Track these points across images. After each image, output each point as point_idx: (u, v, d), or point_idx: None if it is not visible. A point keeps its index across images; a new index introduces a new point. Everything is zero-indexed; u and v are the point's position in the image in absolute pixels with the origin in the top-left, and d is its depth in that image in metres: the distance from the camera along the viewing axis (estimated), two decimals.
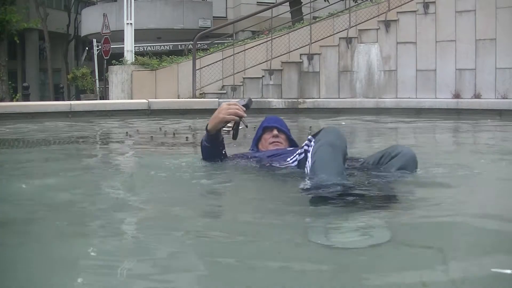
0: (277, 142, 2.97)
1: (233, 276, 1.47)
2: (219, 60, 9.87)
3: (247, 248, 1.70)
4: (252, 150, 3.11)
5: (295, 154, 2.58)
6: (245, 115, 2.70)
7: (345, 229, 1.82)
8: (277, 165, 2.64)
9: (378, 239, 1.72)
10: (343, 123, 7.00)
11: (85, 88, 18.56)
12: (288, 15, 13.57)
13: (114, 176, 3.19)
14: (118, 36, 13.32)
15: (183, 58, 10.63)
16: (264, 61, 9.80)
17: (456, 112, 7.72)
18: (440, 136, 5.98)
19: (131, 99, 9.75)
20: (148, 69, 10.07)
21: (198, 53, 10.22)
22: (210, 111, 7.79)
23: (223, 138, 2.82)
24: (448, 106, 8.06)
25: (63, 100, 17.20)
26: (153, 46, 20.84)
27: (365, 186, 2.22)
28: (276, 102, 8.49)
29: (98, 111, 7.54)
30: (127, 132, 5.47)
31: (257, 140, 3.06)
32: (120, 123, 6.82)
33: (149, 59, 10.37)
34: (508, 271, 1.44)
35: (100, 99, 15.48)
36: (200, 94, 9.49)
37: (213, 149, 2.78)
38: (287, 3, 12.75)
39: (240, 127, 4.88)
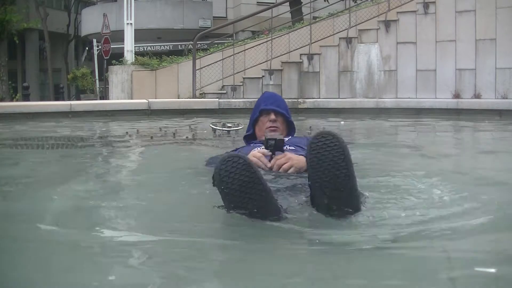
0: (274, 127, 2.88)
1: (233, 277, 1.47)
2: (219, 60, 9.87)
3: (247, 248, 1.70)
4: (248, 133, 3.03)
5: None
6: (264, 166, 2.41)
7: (347, 230, 1.82)
8: None
9: (380, 239, 1.73)
10: (342, 122, 7.00)
11: (85, 88, 18.56)
12: (288, 15, 13.56)
13: (113, 176, 3.19)
14: (118, 36, 13.31)
15: (183, 58, 10.63)
16: (264, 61, 9.79)
17: (456, 112, 7.71)
18: (440, 137, 5.98)
19: (131, 99, 9.75)
20: (148, 69, 10.07)
21: (198, 53, 10.22)
22: (210, 111, 7.89)
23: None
24: (448, 106, 8.06)
25: (63, 100, 17.20)
26: (153, 46, 20.82)
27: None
28: None
29: (98, 111, 7.53)
30: (127, 132, 5.47)
31: (253, 122, 2.96)
32: (120, 123, 6.82)
33: (149, 59, 10.36)
34: (492, 270, 1.44)
35: (100, 99, 15.47)
36: (200, 94, 9.49)
37: None
38: (287, 3, 12.74)
39: (239, 128, 4.80)
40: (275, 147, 2.36)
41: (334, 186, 1.79)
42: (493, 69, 8.66)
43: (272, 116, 2.87)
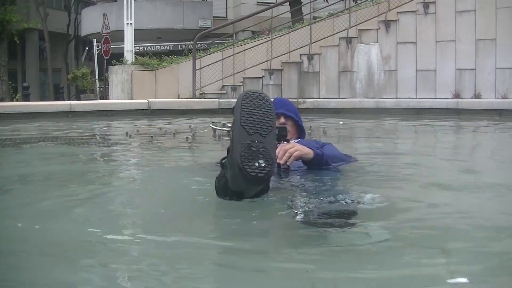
0: None
1: (234, 277, 1.47)
2: (219, 60, 9.87)
3: (247, 249, 1.70)
4: None
5: None
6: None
7: (343, 229, 1.82)
8: None
9: (376, 238, 1.73)
10: (341, 122, 6.99)
11: (85, 88, 18.55)
12: (288, 15, 13.57)
13: (113, 177, 3.19)
14: (118, 36, 13.32)
15: (183, 58, 10.63)
16: (264, 61, 9.80)
17: (456, 112, 7.71)
18: (440, 137, 5.98)
19: (131, 99, 9.75)
20: (148, 69, 10.07)
21: (198, 53, 10.22)
22: (210, 111, 7.89)
23: None
24: (448, 106, 8.06)
25: (63, 100, 17.19)
26: (153, 46, 20.82)
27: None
28: None
29: (98, 111, 7.54)
30: (127, 132, 5.46)
31: None
32: (120, 123, 6.82)
33: (149, 59, 10.37)
34: (464, 280, 1.43)
35: (100, 99, 15.47)
36: (200, 94, 9.49)
37: None
38: (287, 3, 12.75)
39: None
40: (279, 135, 2.40)
41: (257, 129, 1.97)
42: (493, 69, 8.66)
43: (282, 120, 2.88)
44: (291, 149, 2.42)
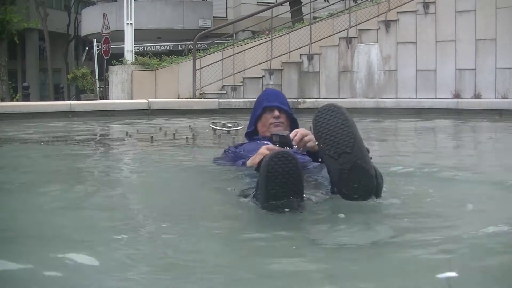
0: (278, 123, 2.84)
1: (233, 275, 1.47)
2: (219, 60, 9.87)
3: (247, 247, 1.70)
4: (249, 129, 2.98)
5: None
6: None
7: (345, 229, 1.82)
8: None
9: (377, 239, 1.73)
10: None
11: (85, 88, 18.55)
12: (288, 15, 13.57)
13: (113, 176, 3.19)
14: (118, 36, 13.32)
15: (183, 58, 10.63)
16: (264, 61, 9.80)
17: (456, 112, 7.72)
18: (440, 137, 5.98)
19: (131, 99, 9.75)
20: (148, 69, 10.07)
21: (198, 53, 10.22)
22: (210, 111, 7.88)
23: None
24: (448, 106, 8.07)
25: (63, 100, 17.18)
26: (153, 46, 20.81)
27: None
28: None
29: (98, 111, 7.54)
30: (127, 132, 5.46)
31: (256, 119, 2.92)
32: (120, 123, 6.82)
33: (149, 59, 10.37)
34: (454, 274, 1.44)
35: (100, 99, 15.46)
36: (200, 94, 9.49)
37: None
38: (287, 3, 12.75)
39: (239, 128, 4.79)
40: (281, 143, 2.37)
41: (341, 150, 1.91)
42: (493, 69, 8.66)
43: (276, 113, 2.85)
44: (307, 137, 2.37)
